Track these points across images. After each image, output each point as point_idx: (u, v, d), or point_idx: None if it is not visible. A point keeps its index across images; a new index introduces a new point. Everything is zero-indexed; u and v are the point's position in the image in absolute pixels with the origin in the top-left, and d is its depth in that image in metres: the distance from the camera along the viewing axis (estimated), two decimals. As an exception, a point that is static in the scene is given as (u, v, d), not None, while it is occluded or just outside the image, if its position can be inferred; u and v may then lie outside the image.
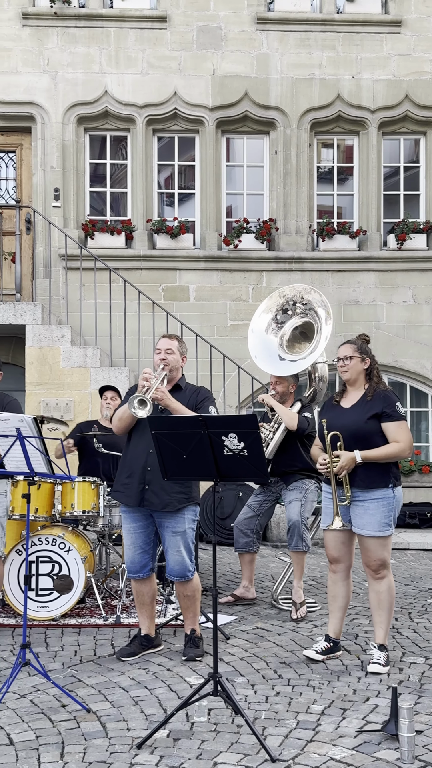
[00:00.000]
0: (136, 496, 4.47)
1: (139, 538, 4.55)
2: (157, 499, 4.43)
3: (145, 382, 4.39)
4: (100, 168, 10.16)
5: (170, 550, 4.49)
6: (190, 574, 4.52)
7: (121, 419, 4.54)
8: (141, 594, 4.61)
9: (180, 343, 4.72)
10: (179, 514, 4.45)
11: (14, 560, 5.30)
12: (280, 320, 6.09)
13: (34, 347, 8.43)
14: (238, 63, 9.84)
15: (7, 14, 9.68)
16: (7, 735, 3.51)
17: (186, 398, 4.56)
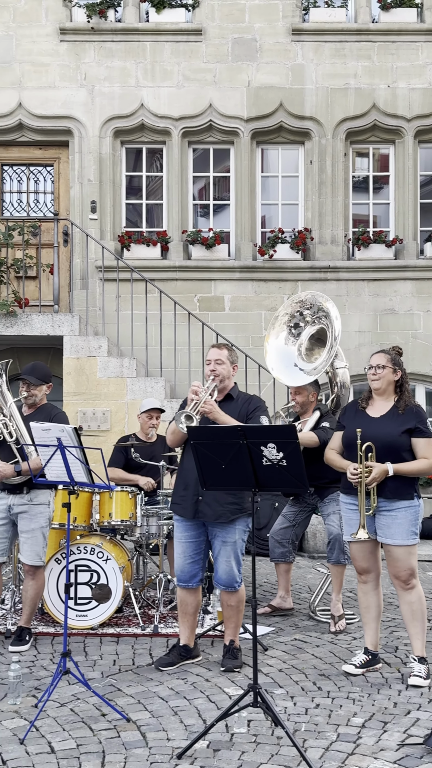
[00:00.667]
0: (191, 508, 4.50)
1: (190, 548, 4.57)
2: (210, 510, 4.45)
3: (194, 395, 4.41)
4: (135, 180, 10.25)
5: (220, 559, 4.51)
6: (237, 585, 4.53)
7: (173, 433, 4.57)
8: (185, 603, 4.61)
9: (230, 352, 4.73)
10: (231, 524, 4.47)
11: (53, 569, 5.34)
12: (295, 332, 6.10)
13: (72, 358, 8.52)
14: (273, 74, 9.88)
15: (45, 30, 9.84)
16: (48, 743, 3.54)
17: (237, 408, 4.57)
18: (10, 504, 4.97)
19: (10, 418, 4.96)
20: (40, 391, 5.14)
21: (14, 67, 9.82)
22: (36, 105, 9.80)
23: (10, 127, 9.87)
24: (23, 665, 4.54)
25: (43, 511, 5.02)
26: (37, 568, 4.99)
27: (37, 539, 4.96)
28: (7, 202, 10.22)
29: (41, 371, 5.17)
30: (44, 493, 5.03)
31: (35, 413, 5.10)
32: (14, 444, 4.95)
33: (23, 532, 4.96)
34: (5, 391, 5.00)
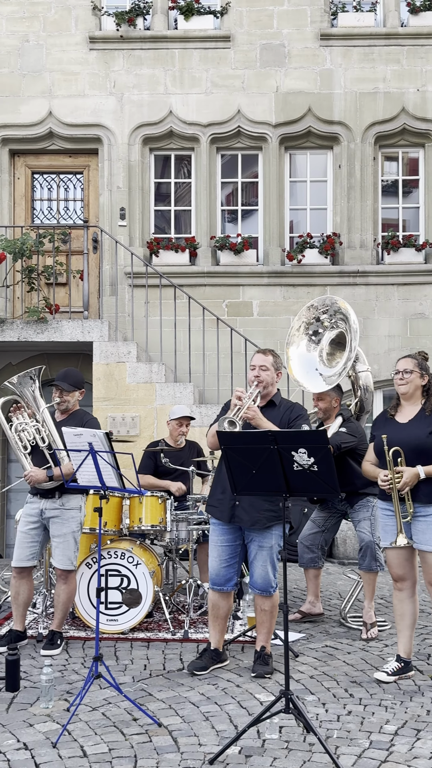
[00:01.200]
0: (228, 512, 4.51)
1: (226, 552, 4.58)
2: (247, 515, 4.46)
3: (238, 401, 4.42)
4: (163, 187, 10.30)
5: (256, 563, 4.52)
6: (272, 590, 4.52)
7: (213, 435, 4.58)
8: (217, 607, 4.62)
9: (275, 358, 4.73)
10: (268, 530, 4.47)
11: (84, 573, 5.38)
12: (315, 339, 6.08)
13: (101, 363, 8.57)
14: (302, 79, 9.88)
15: (75, 39, 9.94)
16: (80, 747, 3.55)
17: (279, 415, 4.57)
18: (42, 508, 5.01)
19: (43, 424, 5.01)
20: (73, 397, 5.18)
21: (44, 76, 9.93)
22: (66, 113, 9.89)
23: (41, 136, 9.96)
24: (55, 669, 4.57)
25: (74, 515, 5.06)
26: (69, 572, 5.03)
27: (68, 544, 5.00)
28: (37, 209, 10.32)
29: (74, 377, 5.21)
30: (76, 498, 5.07)
31: (68, 419, 5.15)
32: (47, 449, 5.00)
33: (55, 537, 5.00)
34: (38, 397, 5.05)
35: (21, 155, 10.21)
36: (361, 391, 6.21)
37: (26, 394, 5.02)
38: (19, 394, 5.04)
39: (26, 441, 5.00)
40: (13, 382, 5.01)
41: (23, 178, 10.22)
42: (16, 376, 5.02)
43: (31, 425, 5.00)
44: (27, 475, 4.94)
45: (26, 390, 5.02)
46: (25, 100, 9.93)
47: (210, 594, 4.67)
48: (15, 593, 5.11)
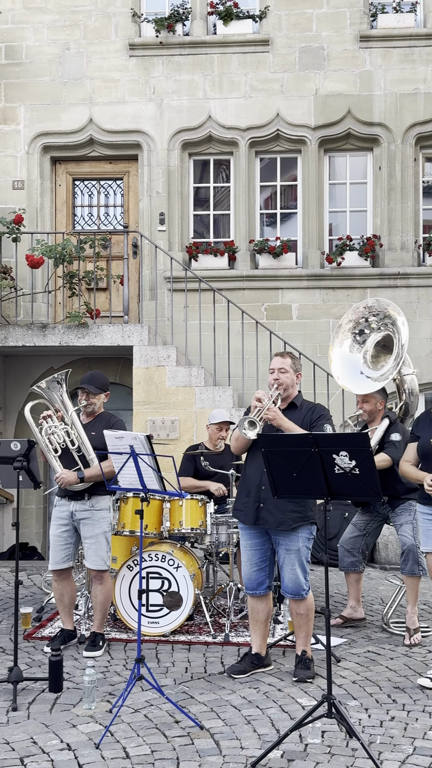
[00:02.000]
0: (253, 515, 4.51)
1: (255, 555, 4.57)
2: (272, 517, 4.44)
3: (258, 403, 4.42)
4: (202, 191, 10.34)
5: (285, 567, 4.50)
6: (305, 593, 4.50)
7: (237, 440, 4.60)
8: (256, 611, 4.61)
9: (294, 360, 4.72)
10: (294, 532, 4.45)
11: (125, 576, 5.40)
12: (360, 339, 6.03)
13: (141, 367, 8.62)
14: (341, 81, 9.84)
15: (115, 46, 10.04)
16: (123, 748, 3.57)
17: (301, 416, 4.56)
18: (72, 510, 5.06)
19: (72, 426, 5.06)
20: (99, 400, 5.24)
21: (85, 84, 10.04)
22: (106, 120, 9.99)
23: (82, 143, 10.08)
24: (97, 670, 4.60)
25: (104, 516, 5.10)
26: (103, 572, 5.06)
27: (100, 544, 5.03)
28: (78, 216, 10.43)
29: (100, 380, 5.27)
30: (104, 499, 5.12)
31: (94, 421, 5.21)
32: (76, 452, 5.05)
33: (87, 538, 5.04)
34: (66, 400, 5.11)
35: (62, 162, 10.34)
36: (406, 394, 6.15)
37: (55, 397, 5.08)
38: (48, 398, 5.11)
39: (56, 444, 5.05)
40: (42, 387, 5.08)
41: (64, 185, 10.35)
42: (44, 381, 5.08)
43: (60, 428, 5.05)
44: (59, 478, 4.99)
45: (54, 394, 5.08)
46: (66, 107, 10.05)
47: (248, 598, 4.67)
48: (59, 595, 5.17)
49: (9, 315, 9.43)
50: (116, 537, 5.73)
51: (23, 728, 3.81)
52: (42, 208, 10.11)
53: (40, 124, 10.06)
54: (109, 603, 5.19)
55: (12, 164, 10.10)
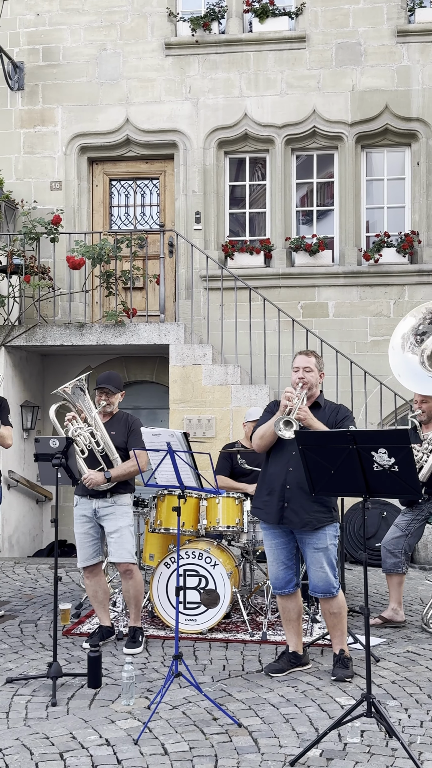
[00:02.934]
0: (276, 514, 4.46)
1: (282, 554, 4.54)
2: (297, 517, 4.41)
3: (288, 401, 4.38)
4: (238, 189, 10.32)
5: (312, 567, 4.46)
6: (335, 591, 4.46)
7: (262, 437, 4.54)
8: (287, 610, 4.59)
9: (318, 359, 4.67)
10: (320, 531, 4.41)
11: (162, 573, 5.42)
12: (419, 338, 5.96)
13: (177, 366, 8.64)
14: (378, 77, 9.75)
15: (151, 46, 10.08)
16: (161, 745, 3.58)
17: (325, 417, 4.52)
18: (95, 508, 5.10)
19: (96, 427, 5.09)
20: (116, 399, 5.27)
21: (121, 84, 10.09)
22: (142, 120, 10.03)
23: (118, 143, 10.13)
24: (135, 667, 4.62)
25: (127, 511, 5.14)
26: (131, 565, 5.06)
27: (125, 536, 5.05)
28: (115, 216, 10.49)
29: (116, 380, 5.31)
30: (126, 496, 5.18)
31: (111, 421, 5.24)
32: (100, 452, 5.08)
33: (111, 533, 5.06)
34: (89, 402, 5.14)
35: (99, 163, 10.41)
36: None
37: (78, 399, 5.12)
38: (71, 400, 5.14)
39: (83, 445, 5.09)
40: (67, 390, 5.11)
41: (101, 185, 10.41)
42: (69, 385, 5.12)
43: (85, 429, 5.09)
44: (86, 478, 5.02)
45: (77, 396, 5.12)
46: (103, 108, 10.12)
47: (278, 598, 4.64)
48: (92, 592, 5.20)
49: (47, 315, 9.52)
50: (153, 534, 5.75)
51: (63, 723, 3.84)
52: (79, 208, 10.19)
53: (77, 125, 10.14)
54: (142, 595, 5.19)
55: (50, 165, 10.19)
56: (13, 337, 8.88)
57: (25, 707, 4.06)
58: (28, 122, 10.25)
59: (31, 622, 5.72)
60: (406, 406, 9.06)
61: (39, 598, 6.49)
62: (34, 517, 9.83)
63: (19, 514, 9.37)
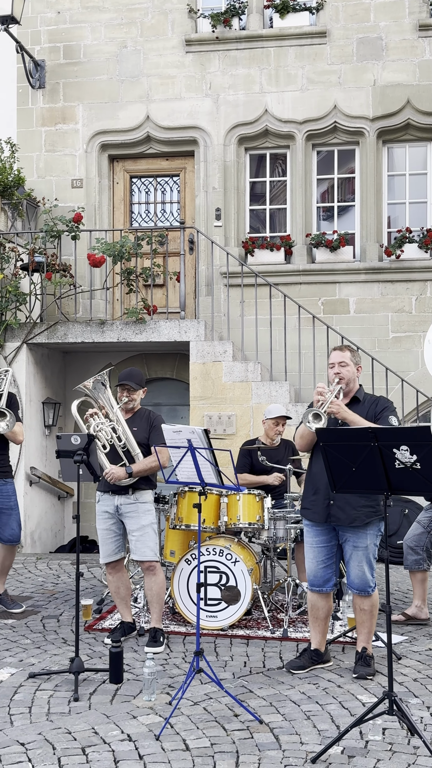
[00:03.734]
0: (323, 513, 4.46)
1: (322, 553, 4.53)
2: (344, 514, 4.39)
3: (320, 396, 4.37)
4: (258, 186, 10.30)
5: (352, 563, 4.45)
6: (371, 590, 4.44)
7: (302, 437, 4.55)
8: (317, 608, 4.58)
9: (353, 353, 4.66)
10: (363, 529, 4.39)
11: (183, 569, 5.44)
12: None
13: (198, 363, 8.64)
14: (400, 72, 9.68)
15: (171, 42, 10.08)
16: (182, 740, 3.59)
17: (365, 410, 4.50)
18: (117, 504, 5.11)
19: (118, 423, 5.11)
20: (138, 396, 5.28)
21: (142, 81, 10.11)
22: (163, 117, 10.03)
23: (139, 140, 10.15)
24: (157, 663, 4.64)
25: (149, 508, 5.14)
26: (154, 563, 5.08)
27: (148, 535, 5.06)
28: (135, 213, 10.52)
29: (138, 376, 5.32)
30: (148, 493, 5.18)
31: (133, 417, 5.26)
32: (121, 448, 5.10)
33: (133, 531, 5.08)
34: (111, 397, 5.16)
35: (120, 160, 10.44)
36: None
37: (100, 395, 5.14)
38: (93, 396, 5.16)
39: (105, 441, 5.11)
40: (88, 386, 5.14)
41: (122, 182, 10.44)
42: (90, 380, 5.15)
43: (107, 425, 5.11)
44: (108, 474, 5.04)
45: (100, 392, 5.14)
46: (123, 105, 10.14)
47: (309, 595, 4.63)
48: (115, 588, 5.23)
49: (68, 312, 9.57)
50: (173, 531, 5.77)
51: (84, 718, 3.86)
52: (100, 206, 10.22)
53: (98, 123, 10.17)
54: (164, 594, 5.22)
55: (71, 163, 10.23)
56: (35, 335, 8.93)
57: (48, 702, 4.09)
58: (49, 120, 10.30)
59: (54, 617, 5.76)
60: (428, 403, 9.00)
61: (61, 593, 6.54)
62: (56, 513, 9.89)
63: (41, 511, 9.43)
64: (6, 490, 5.93)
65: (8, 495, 5.93)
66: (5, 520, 5.89)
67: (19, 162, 9.91)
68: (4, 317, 8.87)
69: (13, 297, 8.75)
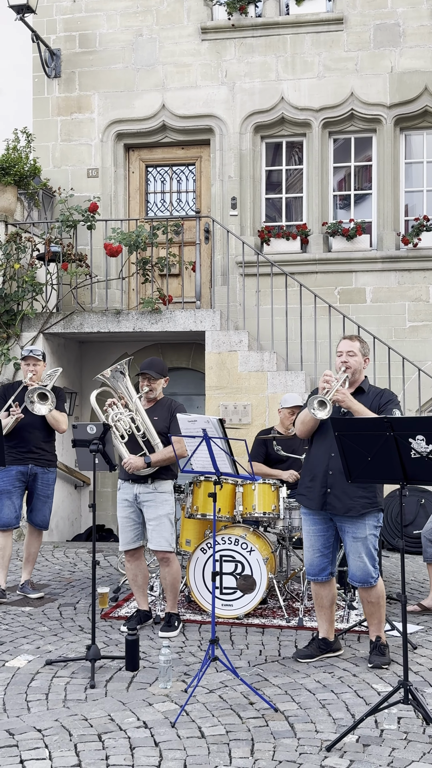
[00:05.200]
0: (319, 500, 4.45)
1: (318, 541, 4.53)
2: (340, 503, 4.39)
3: (326, 384, 4.36)
4: (273, 175, 10.25)
5: (351, 555, 4.44)
6: (373, 581, 4.44)
7: (303, 422, 4.54)
8: (320, 597, 4.58)
9: (362, 344, 4.64)
10: (361, 519, 4.39)
11: (199, 558, 5.45)
12: None
13: (213, 352, 8.64)
14: (417, 58, 9.58)
15: (187, 30, 10.02)
16: (198, 728, 3.61)
17: (369, 401, 4.48)
18: (136, 493, 5.13)
19: (136, 412, 5.12)
20: (159, 385, 5.29)
21: (157, 69, 10.07)
22: (178, 105, 10.00)
23: (154, 129, 10.12)
24: (172, 651, 4.66)
25: (168, 498, 5.16)
26: (169, 554, 5.11)
27: (164, 525, 5.09)
28: (151, 202, 10.50)
29: (159, 365, 5.32)
30: (167, 483, 5.19)
31: (155, 407, 5.26)
32: (141, 437, 5.11)
33: (150, 520, 5.10)
34: (130, 387, 5.17)
35: (135, 149, 10.42)
36: None
37: (119, 385, 5.16)
38: (112, 386, 5.18)
39: (123, 430, 5.13)
40: (106, 375, 5.16)
41: (137, 171, 10.43)
42: (108, 369, 5.17)
43: (126, 415, 5.13)
44: (126, 463, 5.06)
45: (119, 381, 5.15)
46: (139, 94, 10.11)
47: (311, 585, 4.64)
48: (132, 576, 5.26)
49: (84, 302, 9.59)
50: (189, 520, 5.79)
51: (101, 705, 3.90)
52: (116, 195, 10.21)
53: (113, 112, 10.15)
54: (179, 583, 5.25)
55: (86, 152, 10.23)
56: (51, 325, 8.96)
57: (65, 689, 4.12)
58: (65, 110, 10.29)
59: (70, 605, 5.80)
60: (444, 393, 8.96)
61: (77, 581, 6.58)
62: (73, 502, 9.95)
63: (58, 499, 9.48)
64: (47, 479, 6.11)
65: (48, 483, 6.13)
66: (40, 506, 6.09)
67: (35, 152, 9.92)
68: (20, 307, 8.91)
69: (29, 287, 8.78)
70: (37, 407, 5.73)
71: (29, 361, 6.02)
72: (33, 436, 5.97)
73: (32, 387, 5.78)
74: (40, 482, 6.07)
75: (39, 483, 6.07)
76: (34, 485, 6.08)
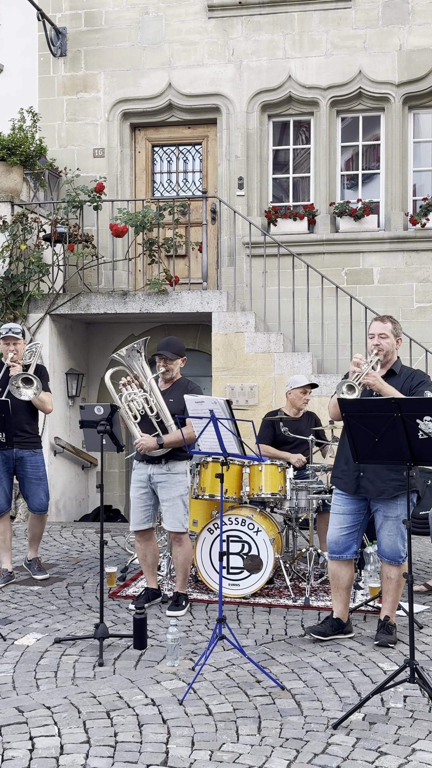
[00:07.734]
0: (353, 483, 4.48)
1: (347, 520, 4.54)
2: (372, 486, 4.41)
3: (356, 367, 4.35)
4: (281, 154, 10.18)
5: (383, 533, 4.47)
6: (402, 560, 4.46)
7: (335, 405, 4.54)
8: (338, 577, 4.59)
9: (394, 324, 4.61)
10: (394, 500, 4.40)
11: (206, 538, 5.49)
12: None
13: (220, 334, 8.63)
14: (427, 36, 9.47)
15: (194, 8, 9.92)
16: (206, 705, 3.65)
17: (400, 383, 4.47)
18: (150, 474, 5.15)
19: (150, 393, 5.12)
20: (176, 365, 5.28)
21: (164, 48, 9.98)
22: (185, 84, 9.91)
23: (160, 108, 10.05)
24: (180, 629, 4.70)
25: (181, 479, 5.17)
26: (182, 534, 5.14)
27: (178, 507, 5.11)
28: (157, 182, 10.45)
29: (176, 346, 5.29)
30: (182, 463, 5.19)
31: (171, 388, 5.25)
32: (154, 418, 5.11)
33: (164, 501, 5.13)
34: (145, 367, 5.16)
35: (141, 129, 10.35)
36: None
37: (134, 365, 5.14)
38: (127, 365, 5.17)
39: (136, 411, 5.12)
40: (122, 354, 5.15)
41: (144, 151, 10.36)
42: (124, 349, 5.15)
43: (139, 395, 5.12)
44: (138, 443, 5.07)
45: (134, 361, 5.14)
46: (145, 73, 10.03)
47: (330, 564, 4.65)
48: (142, 555, 5.30)
49: (91, 283, 9.58)
50: (196, 501, 5.81)
51: (109, 683, 3.94)
52: (122, 175, 10.16)
53: (119, 91, 10.07)
54: (190, 564, 5.28)
55: (92, 132, 10.17)
56: (58, 306, 8.96)
57: (73, 667, 4.17)
58: (70, 89, 10.22)
59: (78, 584, 5.85)
60: (452, 374, 8.94)
61: (85, 561, 6.63)
62: (80, 482, 10.00)
63: (66, 480, 9.54)
64: (35, 461, 5.98)
65: (37, 465, 5.98)
66: (34, 489, 5.96)
67: (41, 131, 9.86)
68: (27, 288, 8.90)
69: (35, 268, 8.76)
70: (23, 392, 5.63)
71: (9, 341, 5.81)
72: (17, 419, 5.69)
73: (16, 373, 5.65)
74: (29, 465, 5.93)
75: (28, 466, 5.92)
76: (24, 470, 5.92)
